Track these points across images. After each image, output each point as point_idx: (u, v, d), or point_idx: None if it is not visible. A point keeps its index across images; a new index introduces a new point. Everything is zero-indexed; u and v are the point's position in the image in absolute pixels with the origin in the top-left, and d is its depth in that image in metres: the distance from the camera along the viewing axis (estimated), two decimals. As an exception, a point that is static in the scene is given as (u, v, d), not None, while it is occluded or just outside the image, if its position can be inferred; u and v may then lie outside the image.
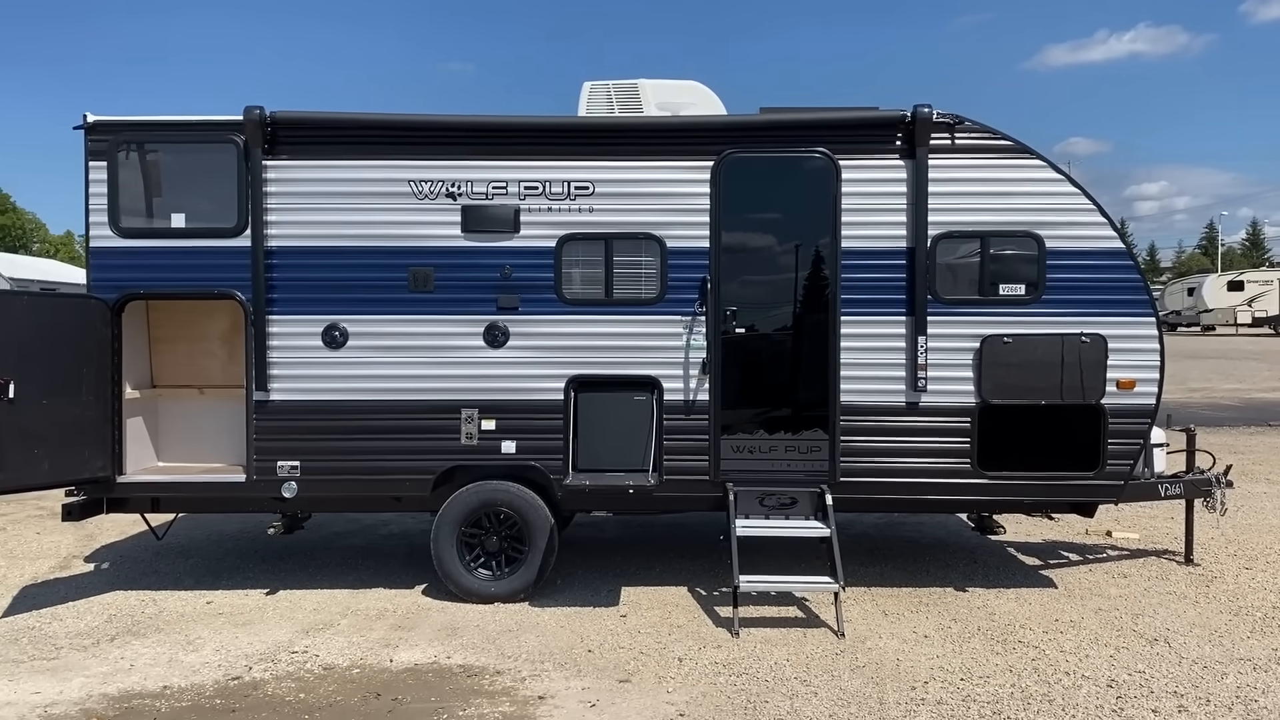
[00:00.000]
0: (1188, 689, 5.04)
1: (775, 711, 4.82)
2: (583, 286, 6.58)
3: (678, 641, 5.83)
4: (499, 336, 6.53)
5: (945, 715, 4.76)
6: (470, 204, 6.51)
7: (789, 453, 6.58)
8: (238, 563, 7.73)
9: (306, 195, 6.51)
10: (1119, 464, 6.51)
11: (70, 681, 5.31)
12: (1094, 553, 7.86)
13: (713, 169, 6.50)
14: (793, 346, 6.65)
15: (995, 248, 6.49)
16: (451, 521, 6.57)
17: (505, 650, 5.71)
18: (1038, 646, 5.68)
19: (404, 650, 5.73)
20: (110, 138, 6.52)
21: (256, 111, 6.38)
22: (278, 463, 6.53)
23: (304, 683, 5.28)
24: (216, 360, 7.26)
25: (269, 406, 6.53)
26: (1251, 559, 7.55)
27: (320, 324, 6.52)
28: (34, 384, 6.03)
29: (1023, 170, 6.48)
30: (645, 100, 7.13)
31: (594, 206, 6.52)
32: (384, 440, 6.54)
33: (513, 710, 4.88)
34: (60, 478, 6.32)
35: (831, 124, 6.57)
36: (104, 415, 6.50)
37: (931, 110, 6.40)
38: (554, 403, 6.52)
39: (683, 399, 6.54)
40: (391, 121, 6.55)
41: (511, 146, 6.52)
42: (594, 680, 5.25)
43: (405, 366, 6.54)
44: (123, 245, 6.54)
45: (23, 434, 5.98)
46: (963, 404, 6.48)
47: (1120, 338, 6.44)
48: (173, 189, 6.66)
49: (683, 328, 6.54)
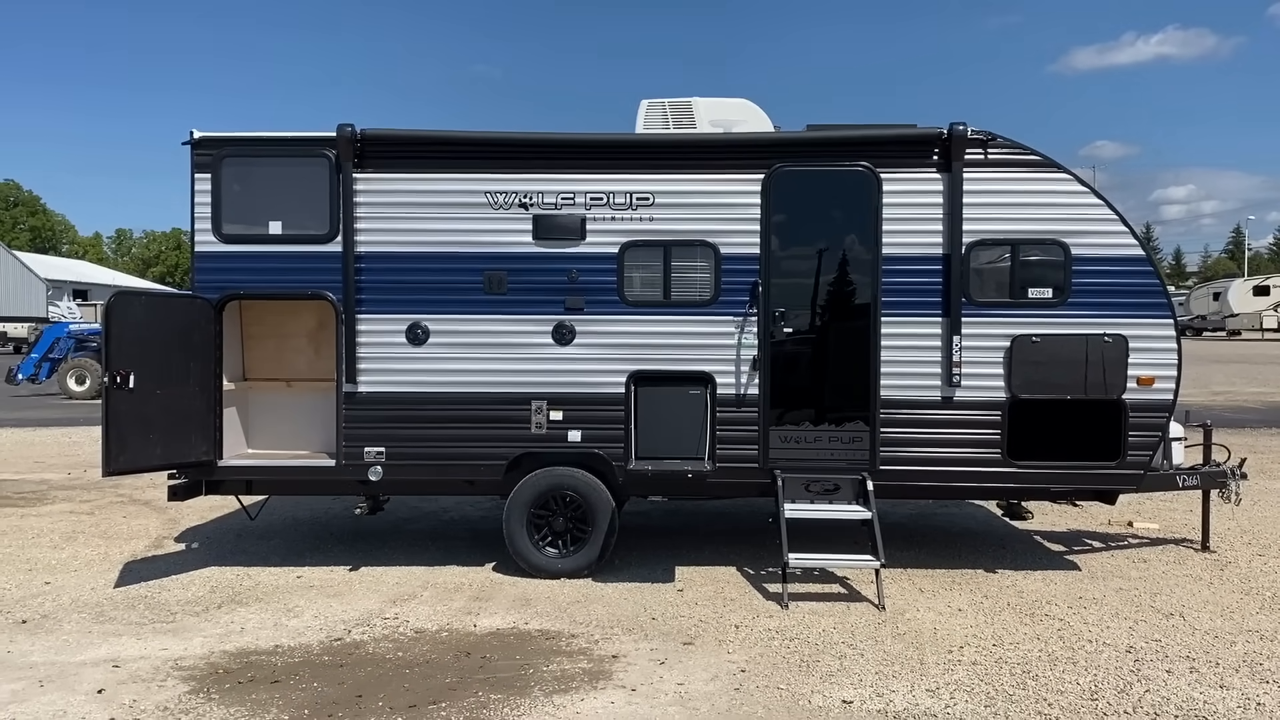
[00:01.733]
0: (1199, 654, 5.57)
1: (827, 669, 5.39)
2: (643, 289, 7.16)
3: (732, 612, 6.41)
4: (566, 334, 7.13)
5: (980, 674, 5.31)
6: (541, 213, 7.12)
7: (833, 443, 7.14)
8: (316, 544, 8.37)
9: (392, 205, 7.14)
10: (1139, 455, 7.03)
11: (191, 640, 5.95)
12: (1116, 541, 8.37)
13: (763, 181, 7.07)
14: (836, 345, 7.21)
15: (1024, 254, 7.03)
16: (522, 504, 7.17)
17: (576, 618, 6.31)
18: (1063, 619, 6.22)
19: (485, 617, 6.34)
20: (214, 152, 7.17)
21: (348, 129, 7.02)
22: (365, 449, 7.15)
23: (399, 643, 5.89)
24: (303, 355, 7.90)
25: (357, 397, 7.16)
26: (1264, 547, 8.05)
27: (404, 322, 7.15)
28: (150, 376, 6.69)
29: (1050, 183, 7.02)
30: (699, 117, 7.70)
31: (654, 216, 7.11)
32: (461, 429, 7.15)
33: (590, 667, 5.47)
34: (170, 460, 6.98)
35: (873, 140, 7.13)
36: (208, 405, 7.15)
37: (966, 127, 6.95)
38: (616, 395, 7.11)
39: (734, 393, 7.11)
40: (470, 138, 7.17)
41: (579, 161, 7.13)
42: (660, 643, 5.83)
43: (481, 361, 7.15)
44: (225, 250, 7.19)
45: (141, 420, 6.64)
46: (994, 399, 7.02)
47: (1140, 338, 6.96)
48: (270, 199, 7.28)
49: (734, 327, 7.11)
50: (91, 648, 5.81)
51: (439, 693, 5.12)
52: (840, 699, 4.99)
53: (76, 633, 6.09)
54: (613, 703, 4.96)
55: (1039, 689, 5.10)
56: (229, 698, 5.06)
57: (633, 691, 5.10)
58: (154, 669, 5.46)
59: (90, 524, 9.23)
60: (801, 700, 4.98)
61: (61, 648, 5.82)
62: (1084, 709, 4.85)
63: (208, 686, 5.21)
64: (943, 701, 4.95)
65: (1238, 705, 4.88)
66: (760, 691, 5.10)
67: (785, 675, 5.31)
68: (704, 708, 4.90)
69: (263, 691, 5.14)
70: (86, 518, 9.52)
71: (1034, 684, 5.16)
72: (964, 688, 5.12)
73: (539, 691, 5.11)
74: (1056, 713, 4.81)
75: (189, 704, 4.98)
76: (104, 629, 6.16)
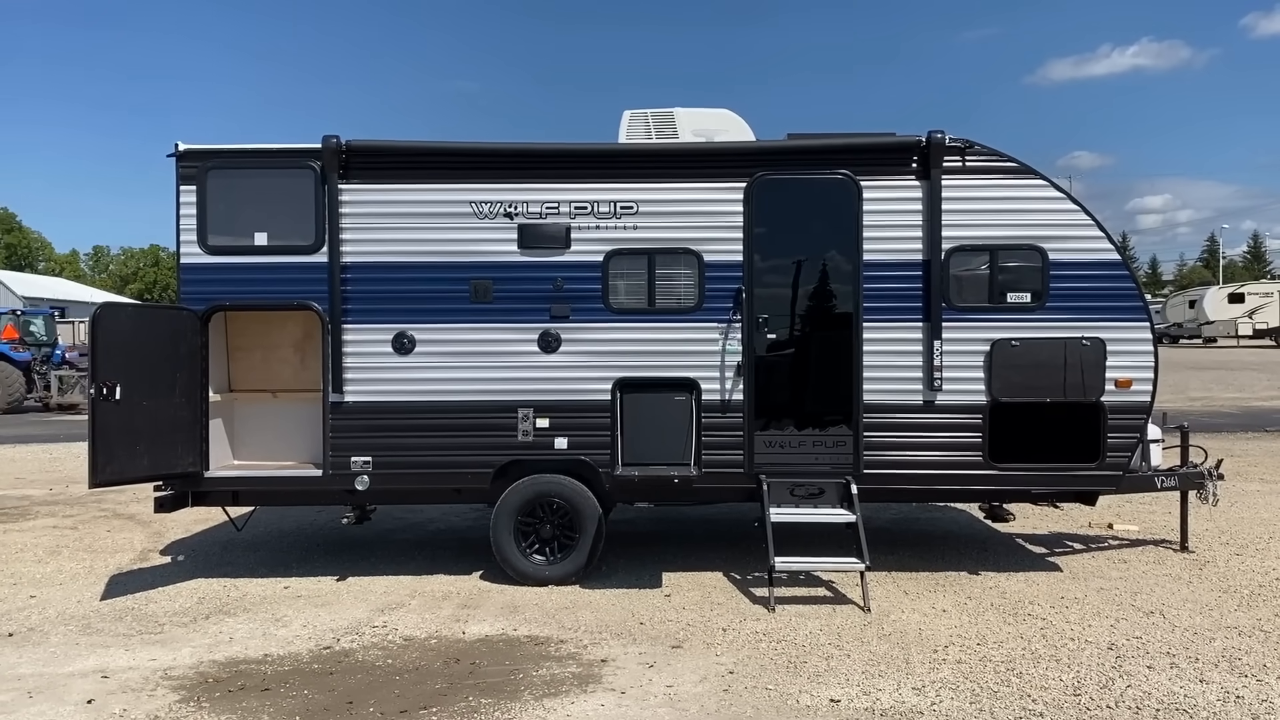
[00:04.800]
0: (1179, 650, 5.66)
1: (814, 669, 5.45)
2: (628, 297, 7.23)
3: (720, 615, 6.46)
4: (552, 342, 7.18)
5: (964, 672, 5.38)
6: (526, 223, 7.18)
7: (816, 447, 7.21)
8: (303, 554, 8.37)
9: (378, 215, 7.18)
10: (1118, 456, 7.14)
11: (180, 650, 5.94)
12: (1096, 542, 8.48)
13: (745, 189, 7.16)
14: (819, 350, 7.29)
15: (1003, 260, 7.14)
16: (509, 511, 7.21)
17: (565, 624, 6.34)
18: (1045, 618, 6.30)
19: (473, 624, 6.36)
20: (199, 164, 7.20)
21: (334, 140, 7.06)
22: (351, 458, 7.17)
23: (389, 651, 5.91)
24: (288, 366, 7.91)
25: (344, 407, 7.18)
26: (1242, 547, 8.18)
27: (390, 332, 7.18)
28: (136, 387, 6.69)
29: (1027, 189, 7.14)
30: (681, 127, 7.80)
31: (638, 224, 7.18)
32: (448, 437, 7.18)
33: (580, 671, 5.50)
34: (157, 471, 6.97)
35: (853, 148, 7.23)
36: (194, 416, 7.16)
37: (944, 136, 7.06)
38: (602, 402, 7.16)
39: (719, 399, 7.18)
40: (455, 149, 7.23)
41: (564, 170, 7.20)
42: (649, 647, 5.88)
43: (467, 370, 7.19)
44: (210, 261, 7.21)
45: (127, 431, 6.64)
46: (975, 402, 7.12)
47: (1117, 341, 7.08)
48: (256, 210, 7.31)
49: (719, 334, 7.18)
50: (79, 659, 5.80)
51: (430, 698, 5.14)
52: (828, 698, 5.05)
53: (64, 644, 6.08)
54: (602, 705, 5.00)
55: (1023, 685, 5.17)
56: (220, 706, 5.07)
57: (622, 694, 5.14)
58: (143, 679, 5.46)
59: (74, 538, 9.19)
60: (790, 700, 5.04)
61: (49, 659, 5.81)
62: (1068, 704, 4.93)
63: (198, 695, 5.21)
64: (929, 699, 5.02)
65: (1217, 699, 4.97)
66: (749, 692, 5.15)
67: (773, 676, 5.36)
68: (693, 709, 4.95)
69: (253, 699, 5.15)
70: (70, 532, 9.47)
71: (1018, 681, 5.24)
72: (949, 686, 5.19)
73: (529, 696, 5.15)
74: (1041, 708, 4.88)
75: (180, 712, 4.99)
76: (91, 640, 6.15)
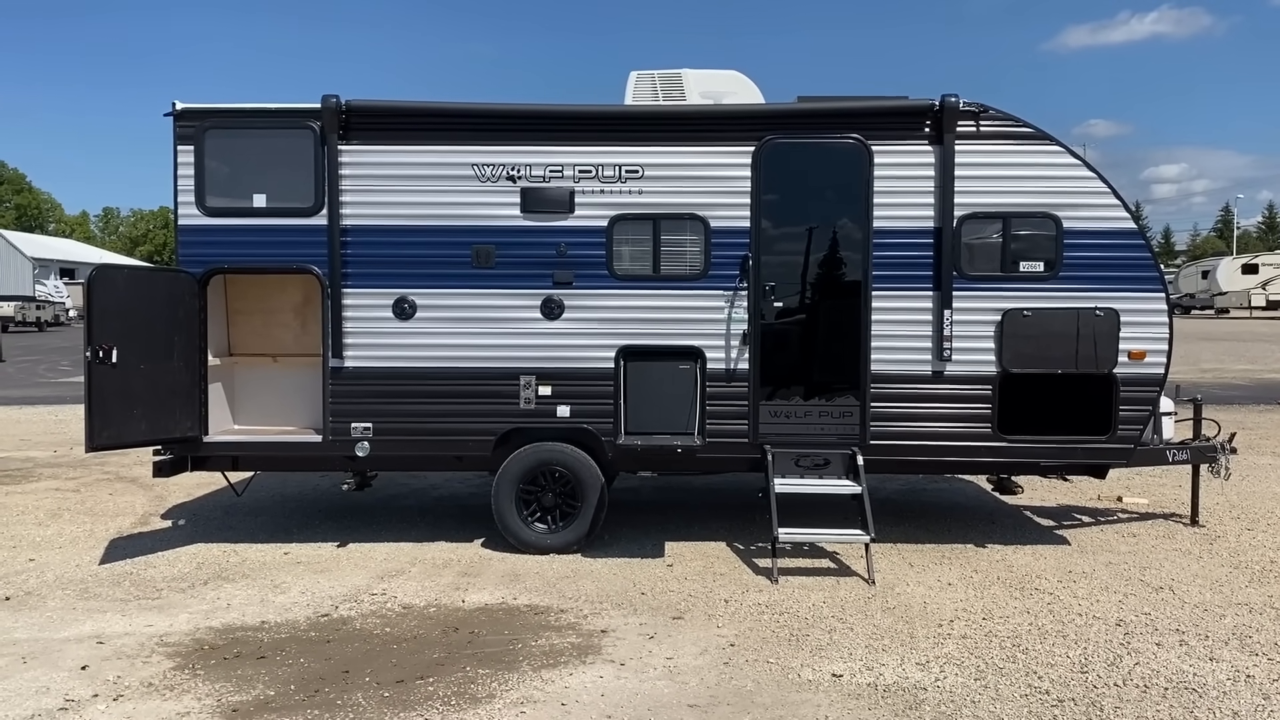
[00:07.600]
0: (1189, 627, 5.57)
1: (816, 643, 5.38)
2: (632, 263, 7.09)
3: (722, 586, 6.38)
4: (555, 309, 7.06)
5: (969, 647, 5.30)
6: (529, 186, 7.03)
7: (823, 418, 7.10)
8: (304, 520, 8.31)
9: (378, 178, 7.04)
10: (1129, 429, 7.02)
11: (177, 616, 5.90)
12: (1105, 516, 8.38)
13: (754, 154, 7.00)
14: (827, 319, 7.16)
15: (1016, 228, 6.98)
16: (511, 479, 7.12)
17: (565, 593, 6.28)
18: (1052, 593, 6.21)
19: (473, 593, 6.30)
20: (197, 124, 7.06)
21: (333, 100, 6.91)
22: (352, 424, 7.09)
23: (387, 619, 5.85)
24: (289, 330, 7.82)
25: (344, 373, 7.08)
26: (1253, 521, 8.06)
27: (391, 297, 7.07)
28: (133, 350, 6.60)
29: (1042, 155, 6.96)
30: (688, 89, 7.62)
31: (643, 189, 7.03)
32: (449, 404, 7.09)
33: (579, 641, 5.44)
34: (155, 435, 6.90)
35: (865, 112, 7.05)
36: (193, 380, 7.07)
37: (958, 99, 6.87)
38: (606, 370, 7.05)
39: (724, 367, 7.06)
40: (457, 109, 7.07)
41: (568, 132, 7.04)
42: (649, 617, 5.81)
43: (469, 336, 7.08)
44: (208, 224, 7.09)
45: (124, 395, 6.56)
46: (985, 373, 6.99)
47: (1132, 312, 6.93)
48: (254, 171, 7.19)
49: (725, 301, 7.05)
50: (76, 624, 5.76)
51: (427, 668, 5.08)
52: (830, 672, 4.97)
53: (61, 609, 6.04)
54: (601, 677, 4.94)
55: (1029, 662, 5.09)
56: (214, 673, 5.02)
57: (621, 665, 5.08)
58: (139, 645, 5.41)
59: (76, 501, 9.16)
60: (791, 674, 4.96)
61: (45, 624, 5.77)
62: (1074, 681, 4.85)
63: (193, 662, 5.16)
64: (933, 674, 4.94)
65: (1227, 677, 4.88)
66: (750, 665, 5.08)
67: (775, 649, 5.29)
68: (693, 681, 4.88)
69: (249, 667, 5.10)
70: (72, 495, 9.44)
71: (1024, 657, 5.15)
72: (954, 661, 5.11)
73: (527, 666, 5.08)
74: (1047, 685, 4.80)
75: (174, 679, 4.94)
76: (89, 605, 6.11)
